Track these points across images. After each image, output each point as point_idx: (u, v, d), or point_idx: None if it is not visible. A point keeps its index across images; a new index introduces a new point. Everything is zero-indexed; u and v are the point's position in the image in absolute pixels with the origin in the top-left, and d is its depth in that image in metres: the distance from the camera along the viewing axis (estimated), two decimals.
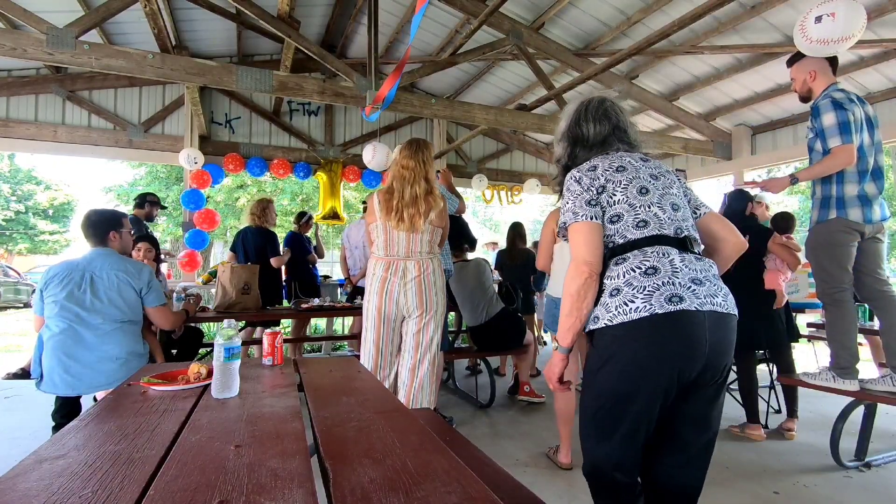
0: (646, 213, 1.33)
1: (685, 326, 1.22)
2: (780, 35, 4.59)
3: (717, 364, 1.27)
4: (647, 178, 1.38)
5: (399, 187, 2.54)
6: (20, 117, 5.89)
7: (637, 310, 1.23)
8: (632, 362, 1.25)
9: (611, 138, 1.47)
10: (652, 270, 1.26)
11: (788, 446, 3.05)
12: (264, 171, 6.81)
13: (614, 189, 1.35)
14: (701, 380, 1.27)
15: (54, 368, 2.32)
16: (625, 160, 1.41)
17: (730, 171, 6.56)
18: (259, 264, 3.96)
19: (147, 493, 0.83)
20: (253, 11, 4.22)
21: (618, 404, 1.28)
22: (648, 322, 1.22)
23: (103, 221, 2.55)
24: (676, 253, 1.29)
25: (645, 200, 1.34)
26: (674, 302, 1.22)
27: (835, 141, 2.40)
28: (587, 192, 1.37)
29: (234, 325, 1.51)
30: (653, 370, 1.23)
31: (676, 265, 1.27)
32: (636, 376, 1.24)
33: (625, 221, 1.33)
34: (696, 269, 1.29)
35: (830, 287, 2.52)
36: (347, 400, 1.42)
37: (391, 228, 2.52)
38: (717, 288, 1.30)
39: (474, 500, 0.81)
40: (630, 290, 1.26)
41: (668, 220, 1.33)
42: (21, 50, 3.38)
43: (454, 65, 6.16)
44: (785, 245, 3.16)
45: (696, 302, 1.23)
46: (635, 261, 1.29)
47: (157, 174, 18.12)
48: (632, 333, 1.24)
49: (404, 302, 2.56)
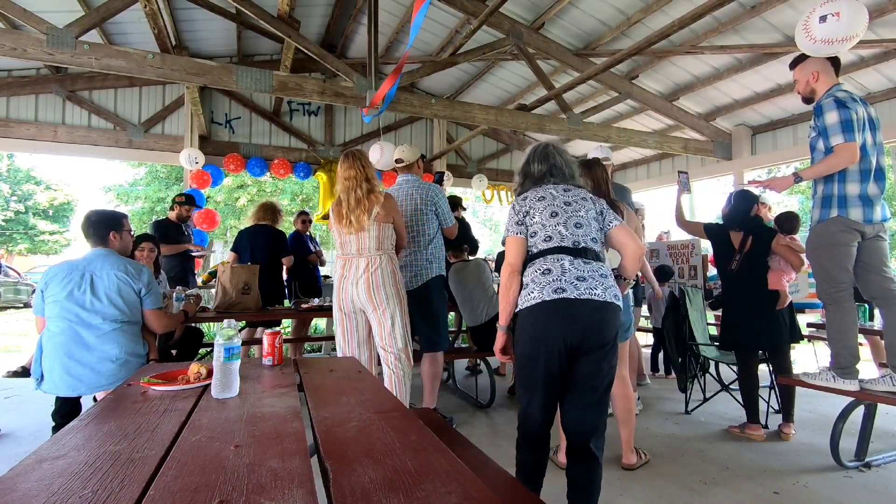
0: (553, 230, 1.83)
1: (564, 309, 1.72)
2: (780, 35, 4.59)
3: (593, 336, 1.73)
4: (561, 204, 1.87)
5: (345, 197, 2.74)
6: (20, 117, 5.89)
7: (534, 298, 1.76)
8: (531, 333, 1.78)
9: (547, 175, 1.97)
10: (547, 271, 1.77)
11: (788, 446, 3.05)
12: (264, 171, 6.81)
13: (534, 213, 1.87)
14: (584, 346, 1.74)
15: (54, 369, 2.32)
16: (548, 192, 1.91)
17: (730, 171, 6.56)
18: (268, 264, 3.94)
19: (147, 493, 0.83)
20: (253, 11, 4.21)
21: (528, 364, 1.80)
22: (540, 306, 1.74)
23: (103, 222, 2.55)
24: (569, 259, 1.77)
25: (554, 222, 1.84)
26: (558, 292, 1.73)
27: (837, 139, 2.39)
28: (517, 215, 1.91)
29: (234, 325, 1.51)
30: (544, 338, 1.74)
31: (566, 268, 1.76)
32: (535, 343, 1.77)
33: (538, 237, 1.85)
34: (583, 270, 1.76)
35: (830, 287, 2.52)
36: (347, 400, 1.42)
37: (343, 233, 2.76)
38: (597, 283, 1.76)
39: (474, 500, 0.81)
40: (533, 285, 1.79)
41: (569, 236, 1.81)
42: (21, 50, 3.38)
43: (454, 65, 6.16)
44: (789, 246, 3.16)
45: (575, 292, 1.72)
46: (538, 265, 1.81)
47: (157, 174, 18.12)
48: (531, 314, 1.77)
49: (356, 297, 2.73)
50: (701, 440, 3.14)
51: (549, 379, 1.76)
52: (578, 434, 1.80)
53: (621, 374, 2.65)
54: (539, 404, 1.80)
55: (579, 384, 1.79)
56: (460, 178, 8.05)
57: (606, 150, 3.60)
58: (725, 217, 3.43)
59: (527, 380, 1.81)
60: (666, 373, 4.87)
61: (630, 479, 2.57)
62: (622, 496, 2.38)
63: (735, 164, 6.41)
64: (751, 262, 3.19)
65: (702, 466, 2.73)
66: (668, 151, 6.49)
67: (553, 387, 1.78)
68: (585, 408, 1.79)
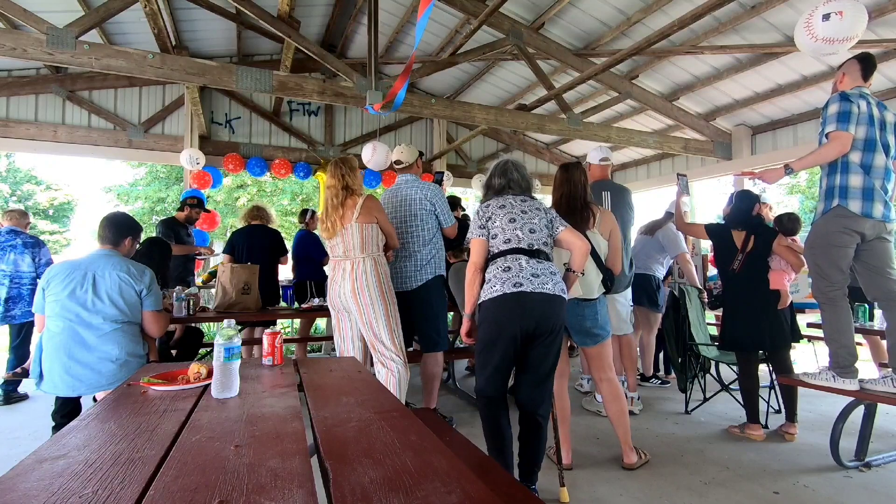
0: (511, 234, 2.16)
1: (521, 300, 2.05)
2: (780, 35, 4.59)
3: (545, 324, 2.07)
4: (518, 212, 2.20)
5: (326, 205, 2.86)
6: (20, 117, 5.89)
7: (496, 291, 2.09)
8: (493, 321, 2.10)
9: (506, 187, 2.32)
10: (507, 269, 2.10)
11: (788, 446, 3.05)
12: (264, 171, 6.81)
13: (496, 219, 2.20)
14: (537, 332, 2.07)
15: (54, 369, 2.32)
16: (507, 201, 2.25)
17: (730, 171, 6.55)
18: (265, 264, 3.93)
19: (147, 493, 0.83)
20: (253, 11, 4.21)
21: (488, 346, 2.12)
22: (501, 298, 2.07)
23: (126, 225, 2.59)
24: (525, 259, 2.11)
25: (512, 226, 2.17)
26: (517, 286, 2.05)
27: (830, 126, 2.44)
28: (481, 220, 2.24)
29: (233, 326, 1.51)
30: (503, 325, 2.07)
31: (523, 266, 2.10)
32: (495, 329, 2.09)
33: (498, 239, 2.18)
34: (537, 269, 2.10)
35: (825, 285, 2.54)
36: (347, 400, 1.42)
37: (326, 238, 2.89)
38: (548, 279, 2.09)
39: (474, 500, 0.81)
40: (494, 280, 2.12)
41: (525, 239, 2.15)
42: (21, 50, 3.38)
43: (454, 65, 6.15)
44: (789, 247, 3.15)
45: (530, 287, 2.05)
46: (500, 263, 2.14)
47: (158, 174, 18.10)
48: (493, 304, 2.10)
49: (343, 298, 2.79)
50: (701, 440, 3.14)
51: (504, 359, 2.11)
52: (528, 405, 2.18)
53: (608, 377, 2.67)
54: (494, 380, 2.15)
55: (531, 366, 2.14)
56: (460, 178, 8.05)
57: (605, 150, 3.59)
58: (727, 217, 3.44)
59: (486, 359, 2.15)
60: (665, 372, 4.87)
61: (630, 478, 2.57)
62: (622, 496, 2.38)
63: (735, 164, 6.41)
64: (753, 262, 3.19)
65: (702, 466, 2.73)
66: (668, 151, 6.49)
67: (507, 365, 2.14)
68: (534, 385, 2.16)
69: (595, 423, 3.42)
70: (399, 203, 3.18)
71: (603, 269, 2.59)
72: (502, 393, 2.18)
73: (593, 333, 2.59)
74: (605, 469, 2.69)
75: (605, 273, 2.59)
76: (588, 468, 2.69)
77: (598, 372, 2.69)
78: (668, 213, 4.50)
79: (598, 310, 2.59)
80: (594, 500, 2.34)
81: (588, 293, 2.56)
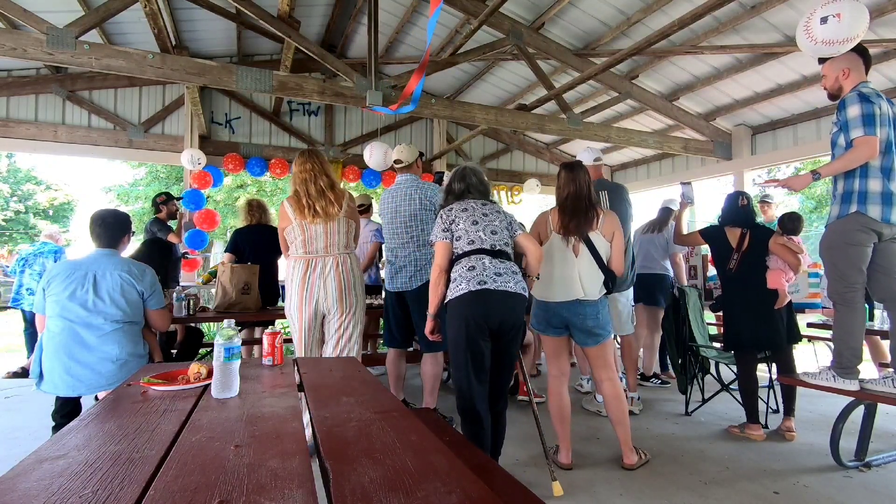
0: (475, 236, 2.28)
1: (486, 297, 2.16)
2: (780, 35, 4.59)
3: (508, 320, 2.21)
4: (480, 215, 2.33)
5: (303, 188, 2.67)
6: (20, 117, 5.89)
7: (461, 289, 2.20)
8: (460, 318, 2.19)
9: (465, 192, 2.43)
10: (472, 268, 2.21)
11: (788, 446, 3.05)
12: (264, 171, 6.81)
13: (459, 222, 2.31)
14: (501, 328, 2.21)
15: (55, 369, 2.32)
16: (469, 205, 2.37)
17: (730, 171, 6.56)
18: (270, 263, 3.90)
19: (147, 493, 0.83)
20: (253, 11, 4.21)
21: (459, 343, 2.20)
22: (467, 295, 2.18)
23: (120, 225, 2.56)
24: (489, 259, 2.23)
25: (475, 229, 2.29)
26: (481, 284, 2.17)
27: (857, 132, 2.35)
28: (444, 223, 2.33)
29: (233, 326, 1.51)
30: (469, 321, 2.16)
31: (486, 265, 2.21)
32: (463, 325, 2.18)
33: (462, 241, 2.29)
34: (499, 268, 2.22)
35: (842, 286, 2.48)
36: (347, 400, 1.42)
37: (307, 225, 2.65)
38: (510, 278, 2.22)
39: (474, 500, 0.81)
40: (460, 279, 2.22)
41: (487, 240, 2.27)
42: (21, 50, 3.38)
43: (454, 65, 6.15)
44: (785, 245, 3.15)
45: (493, 285, 2.17)
46: (464, 263, 2.25)
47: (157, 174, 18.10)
48: (459, 302, 2.20)
49: (324, 299, 2.65)
50: (701, 440, 3.14)
51: (475, 356, 2.18)
52: (496, 389, 2.34)
53: (609, 377, 2.67)
54: (470, 380, 2.18)
55: (499, 354, 2.28)
56: None
57: (596, 150, 3.57)
58: (721, 218, 3.44)
59: (458, 354, 2.22)
60: (662, 369, 4.86)
61: (630, 478, 2.57)
62: (622, 496, 2.38)
63: (735, 164, 6.41)
64: (748, 262, 3.19)
65: (702, 466, 2.73)
66: (668, 151, 6.49)
67: (480, 362, 2.19)
68: (502, 370, 2.33)
69: (595, 423, 3.42)
70: (399, 203, 3.18)
71: (605, 270, 2.59)
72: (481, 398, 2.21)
73: (595, 333, 2.59)
74: (604, 469, 2.69)
75: (607, 274, 2.59)
76: (588, 468, 2.69)
77: (599, 372, 2.69)
78: (667, 208, 4.54)
79: (599, 310, 2.59)
80: (594, 500, 2.34)
81: (590, 294, 2.56)
